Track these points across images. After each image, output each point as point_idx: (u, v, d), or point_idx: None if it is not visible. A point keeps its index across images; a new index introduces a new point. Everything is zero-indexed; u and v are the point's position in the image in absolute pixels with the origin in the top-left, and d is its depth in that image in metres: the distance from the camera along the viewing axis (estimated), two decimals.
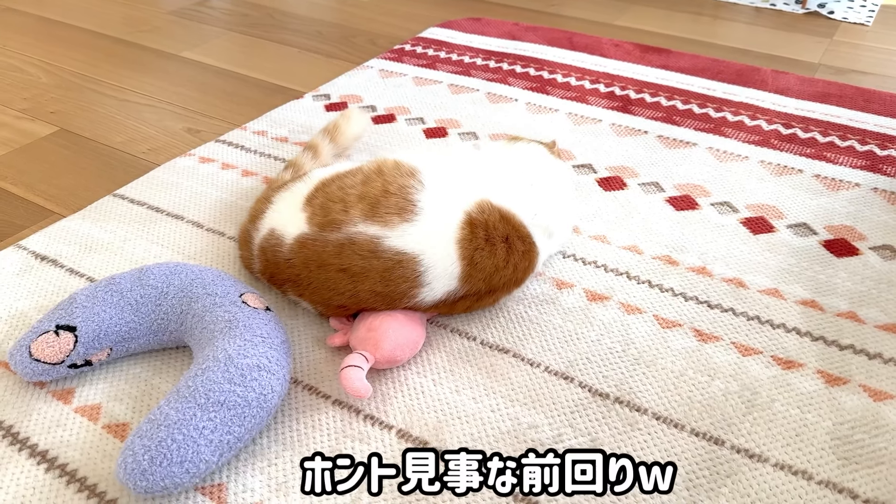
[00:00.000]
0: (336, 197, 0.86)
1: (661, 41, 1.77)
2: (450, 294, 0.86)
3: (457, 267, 0.84)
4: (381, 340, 0.82)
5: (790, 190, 1.18)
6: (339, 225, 0.84)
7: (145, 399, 0.82)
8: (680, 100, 1.46)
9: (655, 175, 1.22)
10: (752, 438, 0.77)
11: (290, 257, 0.86)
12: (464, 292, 0.86)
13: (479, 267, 0.85)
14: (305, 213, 0.87)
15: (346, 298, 0.85)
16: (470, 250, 0.84)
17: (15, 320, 0.92)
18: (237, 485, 0.73)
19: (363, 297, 0.84)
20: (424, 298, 0.85)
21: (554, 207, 0.97)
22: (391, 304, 0.85)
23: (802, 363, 0.86)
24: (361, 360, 0.80)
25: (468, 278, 0.85)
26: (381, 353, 0.82)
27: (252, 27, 1.89)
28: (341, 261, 0.83)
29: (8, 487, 0.72)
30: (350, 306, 0.86)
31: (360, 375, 0.78)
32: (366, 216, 0.83)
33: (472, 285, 0.86)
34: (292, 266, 0.87)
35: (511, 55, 1.66)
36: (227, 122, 1.41)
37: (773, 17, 1.94)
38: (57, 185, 1.22)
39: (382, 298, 0.84)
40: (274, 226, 0.90)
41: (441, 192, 0.87)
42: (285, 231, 0.88)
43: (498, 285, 0.88)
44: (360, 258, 0.82)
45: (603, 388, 0.83)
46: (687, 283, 0.98)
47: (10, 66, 1.67)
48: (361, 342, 0.83)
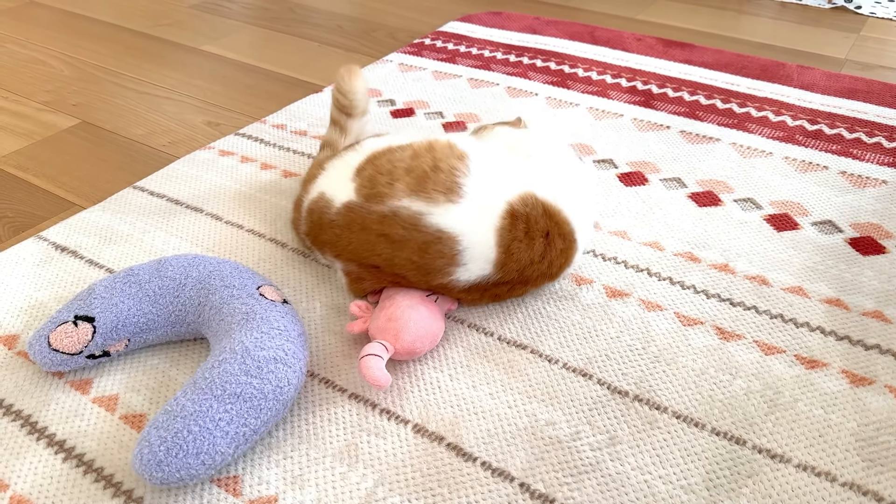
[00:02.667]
0: (384, 170, 0.88)
1: (685, 36, 1.75)
2: (483, 279, 0.86)
3: (493, 253, 0.84)
4: (401, 331, 0.81)
5: (815, 187, 1.16)
6: (383, 198, 0.85)
7: (162, 390, 0.82)
8: (703, 95, 1.44)
9: (677, 171, 1.20)
10: (774, 438, 0.76)
11: (334, 219, 0.89)
12: (497, 279, 0.86)
13: (515, 258, 0.85)
14: (354, 183, 0.89)
15: (382, 260, 0.85)
16: (508, 240, 0.84)
17: (34, 310, 0.92)
18: (252, 477, 0.72)
19: (399, 262, 0.84)
20: (459, 278, 0.85)
21: (589, 204, 0.97)
22: (425, 277, 0.85)
23: (826, 363, 0.85)
24: (381, 349, 0.80)
25: (503, 266, 0.85)
26: (400, 344, 0.81)
27: (272, 21, 1.90)
28: (383, 228, 0.84)
29: (26, 477, 0.72)
30: (384, 268, 0.86)
31: (379, 364, 0.78)
32: (412, 190, 0.84)
33: (505, 273, 0.86)
34: (335, 226, 0.89)
35: (531, 49, 1.65)
36: (246, 115, 1.41)
37: (798, 11, 1.91)
38: (78, 176, 1.23)
39: (417, 269, 0.84)
40: (324, 190, 0.93)
41: (487, 179, 0.87)
42: (334, 196, 0.90)
43: (531, 277, 0.88)
44: (402, 229, 0.83)
45: (622, 385, 0.82)
46: (709, 281, 0.96)
47: (32, 58, 1.68)
48: (381, 332, 0.83)
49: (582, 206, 0.93)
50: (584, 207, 0.94)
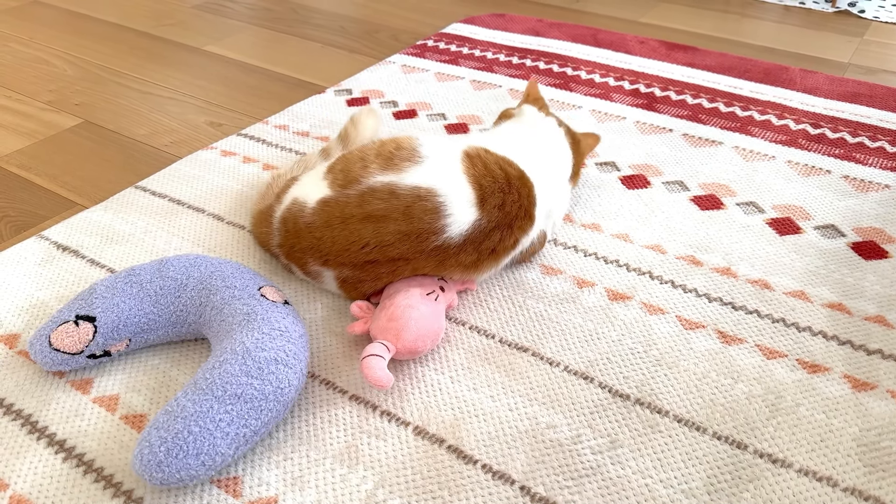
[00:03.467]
0: (356, 158, 0.91)
1: (688, 39, 1.75)
2: (473, 227, 0.86)
3: (469, 190, 0.87)
4: (402, 330, 0.81)
5: (818, 191, 1.16)
6: (359, 179, 0.88)
7: (163, 390, 0.82)
8: (706, 98, 1.44)
9: (680, 174, 1.20)
10: (775, 443, 0.76)
11: (311, 221, 0.88)
12: (484, 224, 0.87)
13: (489, 191, 0.88)
14: (326, 180, 0.91)
15: (373, 249, 0.85)
16: (476, 177, 0.88)
17: (35, 310, 0.92)
18: (252, 478, 0.72)
19: (389, 240, 0.84)
20: (451, 234, 0.85)
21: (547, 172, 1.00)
22: (420, 245, 0.84)
23: (828, 367, 0.84)
24: (383, 349, 0.80)
25: (483, 204, 0.87)
26: (402, 344, 0.81)
27: (275, 21, 1.90)
28: (363, 209, 0.85)
29: (26, 476, 0.72)
30: (378, 258, 0.85)
31: (381, 365, 0.78)
32: (382, 168, 0.88)
33: (490, 214, 0.87)
34: (313, 229, 0.88)
35: (534, 51, 1.65)
36: (249, 115, 1.41)
37: (802, 15, 1.90)
38: (80, 176, 1.23)
39: (409, 239, 0.84)
40: (296, 195, 0.93)
41: (441, 143, 0.94)
42: (307, 197, 0.90)
43: (512, 214, 0.89)
44: (381, 201, 0.85)
45: (623, 388, 0.82)
46: (711, 284, 0.96)
47: (36, 58, 1.68)
48: (382, 332, 0.82)
49: (543, 170, 0.98)
50: (545, 171, 0.99)
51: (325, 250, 0.88)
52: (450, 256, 0.86)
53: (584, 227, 1.07)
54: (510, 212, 0.89)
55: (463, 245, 0.86)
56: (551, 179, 1.00)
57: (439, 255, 0.86)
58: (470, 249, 0.87)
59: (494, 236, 0.88)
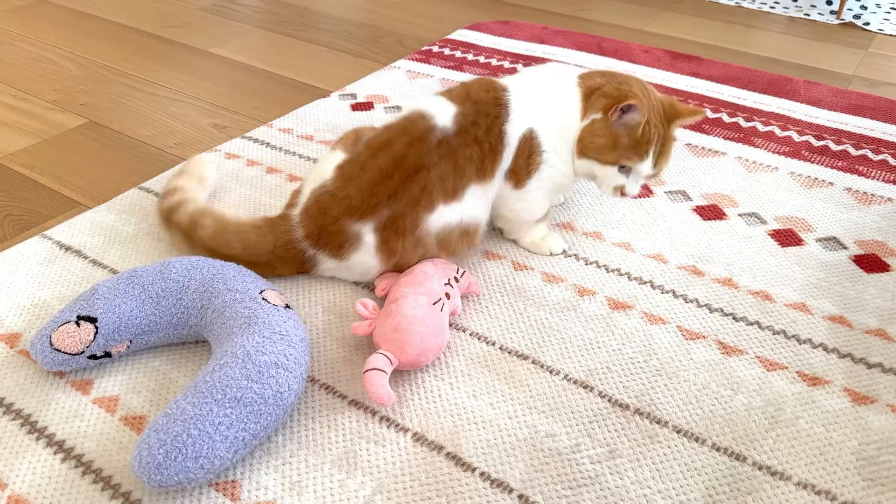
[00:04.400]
0: (368, 128, 1.04)
1: (692, 48, 1.75)
2: (459, 117, 0.94)
3: (452, 107, 0.96)
4: (406, 344, 0.81)
5: (820, 203, 1.16)
6: (364, 136, 0.98)
7: (163, 392, 0.82)
8: (710, 108, 1.44)
9: (682, 183, 1.20)
10: (774, 455, 0.76)
11: (334, 186, 0.94)
12: (467, 112, 0.95)
13: (462, 97, 0.97)
14: (338, 148, 1.00)
15: (393, 171, 0.92)
16: (454, 97, 0.97)
17: (37, 309, 0.92)
18: (251, 482, 0.72)
19: (401, 153, 0.92)
20: (441, 123, 0.94)
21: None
22: (425, 144, 0.92)
23: (829, 380, 0.84)
24: (385, 362, 0.80)
25: (462, 102, 0.96)
26: (405, 357, 0.81)
27: (281, 25, 1.90)
28: (372, 149, 0.94)
29: (24, 476, 0.72)
30: (405, 180, 0.91)
31: (383, 381, 0.78)
32: (387, 125, 0.98)
33: (465, 106, 0.95)
34: (338, 191, 0.93)
35: (539, 59, 1.65)
36: (253, 118, 1.42)
37: (807, 26, 1.91)
38: (84, 176, 1.23)
39: (415, 143, 0.92)
40: (313, 183, 0.97)
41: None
42: (324, 174, 0.96)
43: (489, 104, 0.96)
44: (383, 135, 0.95)
45: (623, 398, 0.82)
46: (712, 295, 0.96)
47: (42, 57, 1.69)
48: (386, 342, 0.82)
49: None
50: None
51: (355, 203, 0.92)
52: (455, 150, 0.93)
53: (585, 236, 1.07)
54: (484, 107, 0.96)
55: (459, 134, 0.94)
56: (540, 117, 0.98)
57: (447, 151, 0.93)
58: (469, 141, 0.94)
59: (481, 123, 0.95)
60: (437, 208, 0.93)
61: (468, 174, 0.94)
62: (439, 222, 0.93)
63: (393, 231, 0.92)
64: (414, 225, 0.92)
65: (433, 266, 0.92)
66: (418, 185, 0.92)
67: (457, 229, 0.95)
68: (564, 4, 2.06)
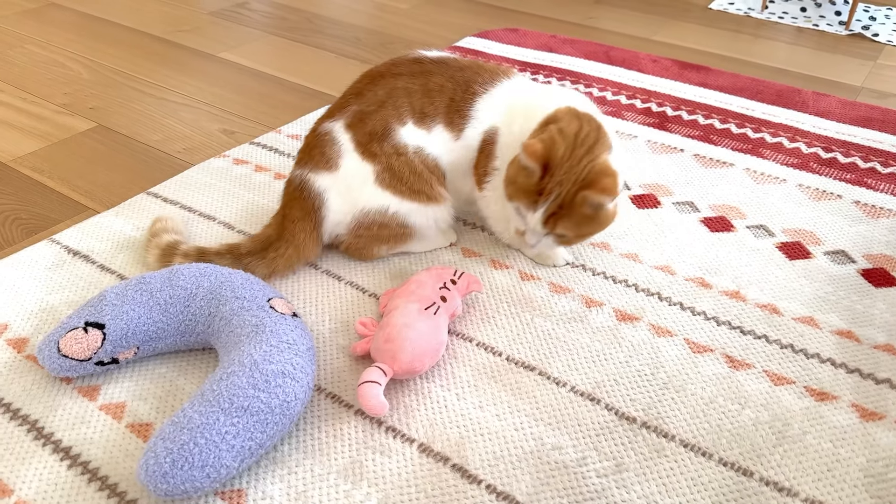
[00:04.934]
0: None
1: (700, 58, 1.75)
2: (443, 59, 1.00)
3: (448, 53, 1.03)
4: (398, 352, 0.81)
5: (828, 216, 1.16)
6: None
7: (169, 399, 0.82)
8: (718, 118, 1.44)
9: (690, 194, 1.20)
10: (781, 471, 0.75)
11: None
12: (447, 61, 1.00)
13: (461, 63, 1.01)
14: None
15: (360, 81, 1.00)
16: (460, 59, 1.03)
17: (45, 314, 0.93)
18: (257, 491, 0.72)
19: (376, 69, 1.00)
20: (418, 52, 1.01)
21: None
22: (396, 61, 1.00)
23: (837, 395, 0.84)
24: (379, 374, 0.80)
25: (453, 61, 1.01)
26: (398, 365, 0.81)
27: (290, 31, 1.91)
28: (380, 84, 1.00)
29: (31, 483, 0.73)
30: (363, 90, 0.98)
31: (376, 392, 0.78)
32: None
33: (454, 63, 1.00)
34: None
35: (547, 67, 1.65)
36: (262, 124, 1.42)
37: (815, 37, 1.90)
38: (92, 180, 1.23)
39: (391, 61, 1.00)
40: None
41: None
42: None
43: (459, 80, 0.99)
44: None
45: (630, 411, 0.81)
46: (720, 307, 0.96)
47: (52, 60, 1.69)
48: (380, 353, 0.82)
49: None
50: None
51: (329, 111, 1.00)
52: (429, 73, 0.98)
53: (592, 246, 1.07)
54: (472, 74, 1.00)
55: (438, 64, 0.99)
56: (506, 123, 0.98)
57: (420, 69, 0.98)
58: (444, 75, 0.98)
59: (459, 80, 0.99)
60: (408, 124, 0.96)
61: (437, 105, 0.97)
62: (414, 141, 0.96)
63: (364, 131, 0.96)
64: (385, 129, 0.96)
65: (427, 273, 0.92)
66: (384, 87, 0.97)
67: (430, 158, 0.98)
68: (572, 13, 2.06)
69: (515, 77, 1.03)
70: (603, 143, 0.91)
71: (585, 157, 0.88)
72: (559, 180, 0.87)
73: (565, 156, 0.88)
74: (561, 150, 0.88)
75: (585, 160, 0.88)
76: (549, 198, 0.88)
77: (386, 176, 0.96)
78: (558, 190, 0.88)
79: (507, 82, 1.01)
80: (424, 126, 0.96)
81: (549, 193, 0.88)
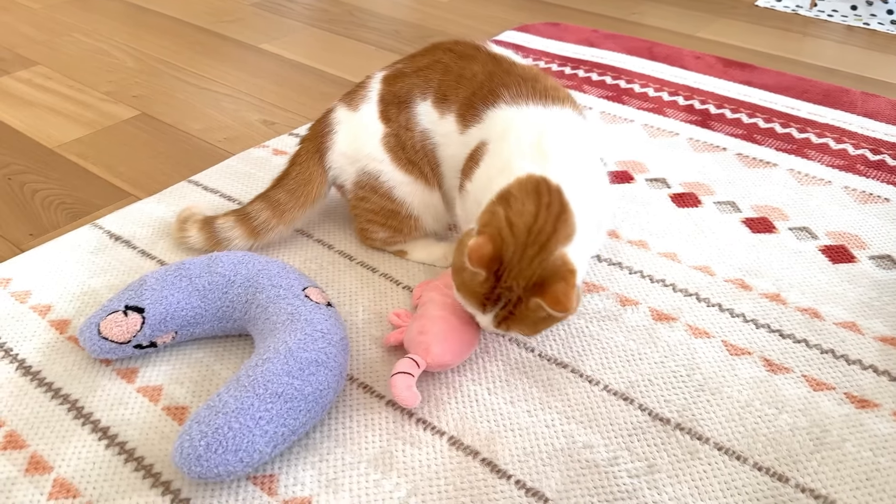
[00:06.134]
0: None
1: (746, 56, 1.72)
2: (487, 51, 0.97)
3: (500, 49, 0.99)
4: (431, 345, 0.81)
5: (874, 219, 1.13)
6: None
7: (205, 384, 0.83)
8: (762, 118, 1.41)
9: (732, 194, 1.18)
10: (818, 478, 0.74)
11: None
12: (491, 54, 0.96)
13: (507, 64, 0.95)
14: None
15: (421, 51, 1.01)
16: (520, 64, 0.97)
17: (87, 297, 0.95)
18: (288, 477, 0.73)
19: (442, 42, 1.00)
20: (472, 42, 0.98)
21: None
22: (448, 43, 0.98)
23: (878, 403, 0.82)
24: (412, 365, 0.80)
25: (502, 56, 0.96)
26: (432, 358, 0.81)
27: (331, 23, 1.92)
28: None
29: (70, 461, 0.74)
30: (416, 56, 1.00)
31: (408, 383, 0.78)
32: None
33: (498, 58, 0.95)
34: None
35: (588, 62, 1.63)
36: (301, 115, 1.43)
37: (865, 36, 1.85)
38: (135, 167, 1.25)
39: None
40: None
41: None
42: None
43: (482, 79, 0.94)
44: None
45: (664, 412, 0.80)
46: (759, 310, 0.94)
47: (98, 49, 1.73)
48: (413, 345, 0.83)
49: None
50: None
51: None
52: (469, 58, 0.95)
53: (630, 244, 1.06)
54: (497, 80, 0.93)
55: (476, 52, 0.96)
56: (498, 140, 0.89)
57: (460, 52, 0.96)
58: (479, 65, 0.94)
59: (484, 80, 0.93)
60: (427, 101, 0.95)
61: (459, 93, 0.93)
62: (425, 121, 0.95)
63: (392, 89, 0.97)
64: (407, 96, 0.96)
65: None
66: (431, 57, 0.97)
67: (430, 144, 0.96)
68: (616, 8, 2.03)
69: (557, 109, 0.89)
70: (560, 234, 0.76)
71: (538, 258, 0.75)
72: (508, 285, 0.75)
73: (515, 256, 0.75)
74: (510, 250, 0.75)
75: (538, 260, 0.75)
76: (499, 304, 0.77)
77: (391, 140, 0.96)
78: (508, 296, 0.76)
79: (533, 109, 0.87)
80: (440, 109, 0.94)
81: (499, 299, 0.77)
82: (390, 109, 0.97)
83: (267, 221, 0.99)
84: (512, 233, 0.75)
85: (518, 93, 0.89)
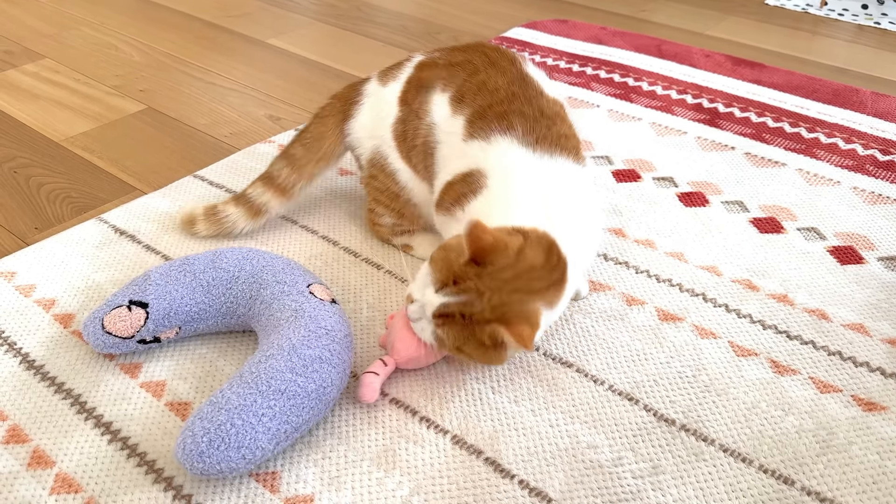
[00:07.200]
0: None
1: (755, 55, 1.71)
2: (517, 69, 0.95)
3: (536, 69, 0.98)
4: (395, 342, 0.82)
5: (883, 220, 1.12)
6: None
7: (208, 379, 0.83)
8: (771, 117, 1.40)
9: (740, 194, 1.17)
10: (824, 481, 0.73)
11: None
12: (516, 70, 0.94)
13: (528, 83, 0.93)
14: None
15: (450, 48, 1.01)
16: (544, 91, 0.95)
17: (91, 291, 0.95)
18: (290, 475, 0.73)
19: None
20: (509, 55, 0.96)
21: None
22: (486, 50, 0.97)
23: (885, 406, 0.81)
24: (379, 365, 0.81)
25: (527, 75, 0.94)
26: (396, 354, 0.81)
27: (339, 18, 1.91)
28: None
29: (72, 455, 0.74)
30: (453, 51, 0.99)
31: (369, 381, 0.79)
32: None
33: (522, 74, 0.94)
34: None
35: (596, 59, 1.62)
36: (307, 111, 1.43)
37: (876, 35, 1.84)
38: (141, 161, 1.25)
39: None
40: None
41: None
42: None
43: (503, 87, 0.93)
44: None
45: (669, 413, 0.80)
46: (766, 311, 0.94)
47: (106, 43, 1.73)
48: (387, 346, 0.84)
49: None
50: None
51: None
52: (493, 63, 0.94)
53: (636, 243, 1.05)
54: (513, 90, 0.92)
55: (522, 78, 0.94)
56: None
57: (487, 59, 0.95)
58: (496, 79, 0.92)
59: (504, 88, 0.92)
60: (445, 96, 0.93)
61: (477, 100, 0.90)
62: (437, 113, 0.93)
63: (419, 75, 0.97)
64: (428, 86, 0.95)
65: None
66: (465, 55, 0.95)
67: (432, 141, 0.94)
68: (624, 5, 2.02)
69: (562, 162, 0.86)
70: (547, 297, 0.76)
71: (518, 296, 0.73)
72: (480, 289, 0.72)
73: (504, 274, 0.73)
74: (504, 264, 0.73)
75: (517, 298, 0.73)
76: (460, 296, 0.73)
77: (399, 127, 0.96)
78: (473, 298, 0.72)
79: (540, 159, 0.85)
80: (454, 107, 0.91)
81: (463, 291, 0.73)
82: (410, 93, 0.97)
83: (288, 177, 1.02)
84: (517, 257, 0.73)
85: (531, 130, 0.86)
